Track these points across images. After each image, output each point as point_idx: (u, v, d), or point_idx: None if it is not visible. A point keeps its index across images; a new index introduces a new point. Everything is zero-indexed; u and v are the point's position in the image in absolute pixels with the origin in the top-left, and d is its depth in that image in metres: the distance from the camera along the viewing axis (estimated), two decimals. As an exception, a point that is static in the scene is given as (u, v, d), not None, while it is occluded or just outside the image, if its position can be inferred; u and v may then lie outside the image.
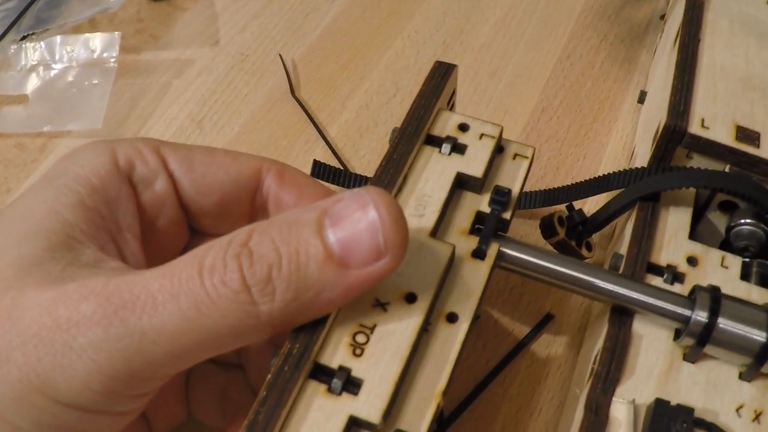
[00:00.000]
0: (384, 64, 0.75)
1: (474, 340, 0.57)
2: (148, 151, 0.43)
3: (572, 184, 0.55)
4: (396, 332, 0.38)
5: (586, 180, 0.55)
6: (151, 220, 0.44)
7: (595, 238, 0.57)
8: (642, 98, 0.65)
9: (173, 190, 0.44)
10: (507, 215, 0.45)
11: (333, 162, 0.65)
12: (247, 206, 0.46)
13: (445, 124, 0.48)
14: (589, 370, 0.47)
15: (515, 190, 0.46)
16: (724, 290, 0.45)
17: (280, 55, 0.75)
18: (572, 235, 0.55)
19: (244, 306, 0.35)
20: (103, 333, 0.34)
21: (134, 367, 0.35)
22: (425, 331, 0.40)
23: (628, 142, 0.70)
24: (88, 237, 0.39)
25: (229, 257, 0.35)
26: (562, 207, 0.56)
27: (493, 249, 0.44)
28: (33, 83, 0.71)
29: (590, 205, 0.63)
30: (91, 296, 0.35)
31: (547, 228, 0.54)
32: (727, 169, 0.53)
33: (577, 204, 0.56)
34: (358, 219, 0.35)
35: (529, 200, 0.57)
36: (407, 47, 0.76)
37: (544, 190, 0.57)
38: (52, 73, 0.71)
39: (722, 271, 0.49)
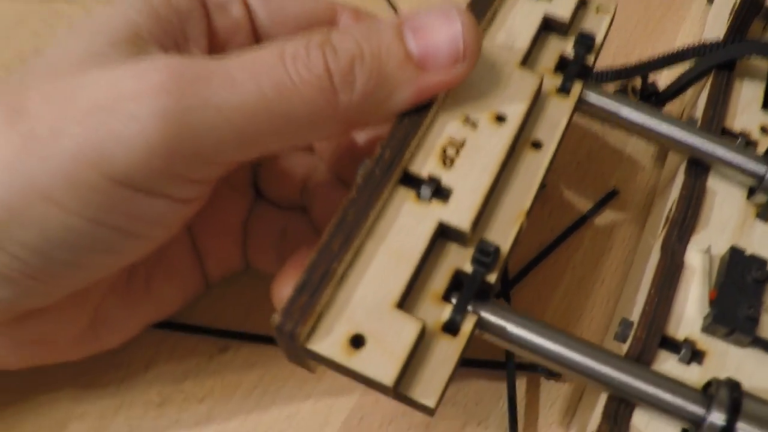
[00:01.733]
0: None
1: (540, 207, 0.57)
2: None
3: (646, 60, 0.56)
4: (486, 148, 0.39)
5: (661, 55, 0.55)
6: (222, 45, 0.44)
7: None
8: (712, -1, 0.66)
9: (248, 19, 0.44)
10: (590, 60, 0.46)
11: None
12: None
13: (530, -25, 0.48)
14: (663, 219, 0.47)
15: (599, 38, 0.47)
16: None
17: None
18: (646, 104, 0.55)
19: (325, 93, 0.36)
20: (174, 103, 0.34)
21: (201, 144, 0.35)
22: (512, 153, 0.41)
23: (696, 40, 0.70)
24: (154, 38, 0.39)
25: (312, 47, 0.36)
26: (637, 80, 0.57)
27: (576, 88, 0.44)
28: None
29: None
30: (164, 67, 0.35)
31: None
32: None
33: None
34: (440, 26, 0.37)
35: (603, 76, 0.58)
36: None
37: (622, 66, 0.57)
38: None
39: (794, 141, 0.50)
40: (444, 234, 0.38)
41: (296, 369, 0.46)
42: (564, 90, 0.44)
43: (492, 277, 0.37)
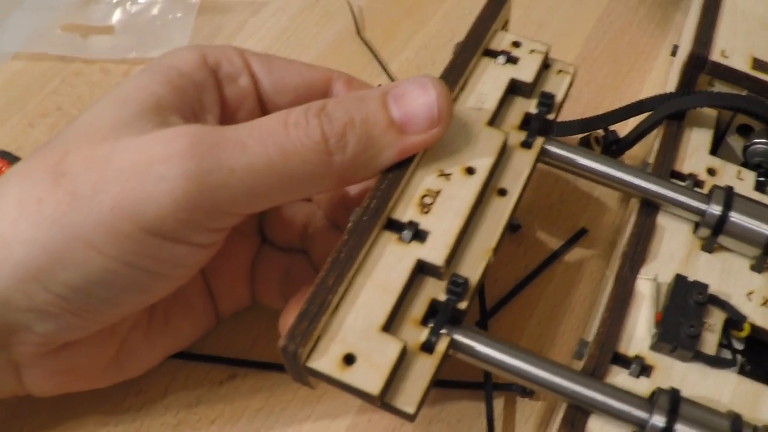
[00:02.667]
0: (441, 13, 0.81)
1: (516, 246, 0.63)
2: (234, 53, 0.50)
3: (608, 111, 0.62)
4: (458, 196, 0.45)
5: (620, 107, 0.61)
6: (232, 111, 0.50)
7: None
8: (674, 51, 0.71)
9: (254, 88, 0.50)
10: (551, 116, 0.52)
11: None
12: None
13: (501, 41, 0.55)
14: (619, 255, 0.53)
15: (559, 97, 0.53)
16: (739, 196, 0.52)
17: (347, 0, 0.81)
18: (607, 152, 0.61)
19: (322, 155, 0.42)
20: (195, 166, 0.40)
21: (218, 199, 0.41)
22: (480, 200, 0.47)
23: (660, 89, 0.74)
24: (175, 108, 0.45)
25: (310, 116, 0.42)
26: (600, 131, 0.63)
27: (538, 142, 0.50)
28: (118, 16, 0.77)
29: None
30: (186, 136, 0.41)
31: (585, 146, 0.62)
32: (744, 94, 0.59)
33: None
34: (418, 95, 0.44)
35: (570, 128, 0.63)
36: (462, 0, 0.83)
37: (584, 118, 0.63)
38: (137, 6, 0.77)
39: (738, 182, 0.56)
40: (422, 269, 0.44)
41: (297, 392, 0.52)
42: (527, 144, 0.50)
43: (463, 305, 0.43)
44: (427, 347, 0.42)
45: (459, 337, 0.43)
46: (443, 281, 0.44)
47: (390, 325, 0.42)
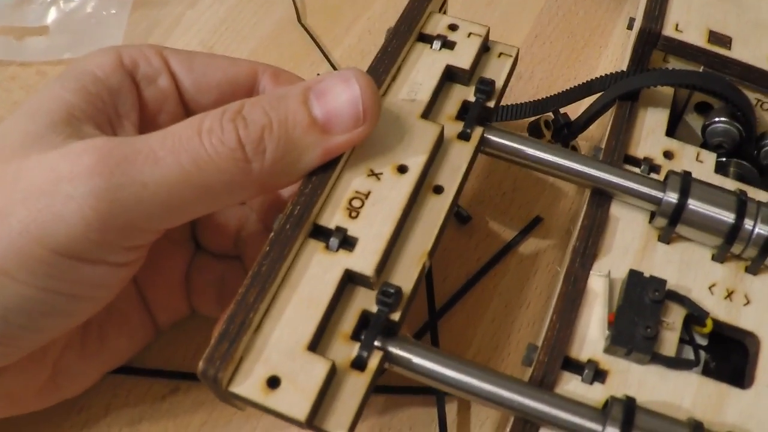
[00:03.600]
0: (385, -6, 0.78)
1: (467, 239, 0.60)
2: (152, 52, 0.47)
3: (558, 93, 0.58)
4: (388, 198, 0.42)
5: (570, 88, 0.58)
6: (153, 114, 0.47)
7: (582, 148, 0.61)
8: (631, 24, 0.68)
9: (175, 88, 0.48)
10: (491, 104, 0.49)
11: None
12: None
13: (437, 25, 0.52)
14: (570, 250, 0.50)
15: (499, 83, 0.50)
16: (699, 181, 0.49)
17: (287, -16, 0.78)
18: (558, 137, 0.58)
19: (239, 163, 0.39)
20: (104, 183, 0.37)
21: (132, 216, 0.38)
22: (414, 200, 0.44)
23: (618, 65, 0.73)
24: (88, 117, 0.42)
25: (225, 121, 0.40)
26: (550, 114, 0.60)
27: (477, 132, 0.47)
28: (53, 15, 0.74)
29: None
30: (94, 150, 0.38)
31: (534, 131, 0.58)
32: (700, 71, 0.56)
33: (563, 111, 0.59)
34: (341, 91, 0.41)
35: (520, 111, 0.60)
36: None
37: (533, 101, 0.60)
38: (72, 5, 0.74)
39: (697, 165, 0.53)
40: (352, 279, 0.41)
41: None
42: (464, 136, 0.47)
43: (396, 316, 0.40)
44: (359, 364, 0.39)
45: (394, 350, 0.40)
46: (376, 291, 0.41)
47: (317, 343, 0.39)
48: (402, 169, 0.43)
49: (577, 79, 0.71)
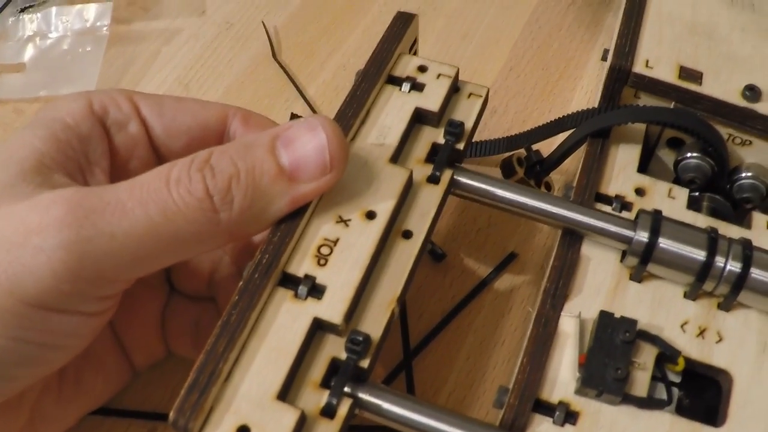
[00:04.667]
0: (361, 29, 0.78)
1: (441, 277, 0.60)
2: (122, 98, 0.47)
3: (530, 129, 0.59)
4: (357, 245, 0.42)
5: (542, 124, 0.58)
6: (124, 160, 0.47)
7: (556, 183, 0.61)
8: (605, 56, 0.68)
9: (145, 134, 0.48)
10: (460, 146, 0.49)
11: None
12: None
13: (406, 66, 0.52)
14: (541, 290, 0.50)
15: (468, 124, 0.50)
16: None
17: (263, 22, 0.78)
18: (531, 174, 0.58)
19: (207, 213, 0.39)
20: (74, 235, 0.37)
21: (102, 267, 0.38)
22: (383, 246, 0.44)
23: (592, 97, 0.73)
24: (58, 165, 0.42)
25: (193, 171, 0.39)
26: (522, 150, 0.60)
27: (446, 175, 0.47)
28: (30, 52, 0.75)
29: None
30: (62, 201, 0.38)
31: (507, 168, 0.58)
32: (672, 106, 0.56)
33: (537, 147, 0.60)
34: (308, 140, 0.41)
35: (493, 147, 0.61)
36: (383, 13, 0.80)
37: (506, 137, 0.60)
38: (48, 42, 0.75)
39: (669, 201, 0.53)
40: (321, 327, 0.41)
41: None
42: (434, 179, 0.47)
43: (365, 363, 0.40)
44: (328, 411, 0.39)
45: (364, 396, 0.40)
46: (344, 338, 0.41)
47: (287, 392, 0.39)
48: (370, 215, 0.43)
49: (552, 112, 0.71)
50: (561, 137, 0.58)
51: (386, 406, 0.41)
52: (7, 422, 0.44)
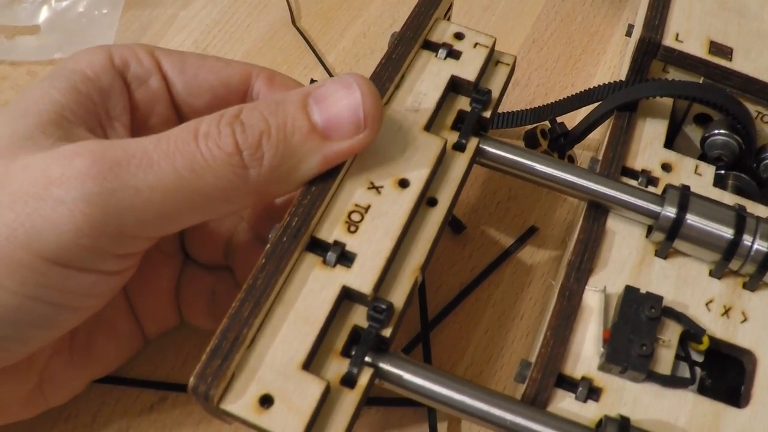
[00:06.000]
0: (382, -3, 0.77)
1: (461, 248, 0.60)
2: (143, 52, 0.46)
3: (556, 101, 0.58)
4: (389, 213, 0.41)
5: (568, 96, 0.57)
6: (144, 117, 0.46)
7: (579, 157, 0.60)
8: (630, 31, 0.67)
9: (166, 90, 0.46)
10: (487, 114, 0.48)
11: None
12: None
13: (443, 32, 0.51)
14: (565, 263, 0.49)
15: (495, 92, 0.49)
16: (697, 195, 0.47)
17: (282, -14, 0.77)
18: (555, 147, 0.57)
19: (236, 169, 0.38)
20: (97, 187, 0.36)
21: (124, 223, 0.37)
22: (414, 216, 0.43)
23: (615, 72, 0.72)
24: (78, 118, 0.41)
25: (222, 125, 0.38)
26: (547, 122, 0.59)
27: (472, 143, 0.46)
28: (44, 14, 0.73)
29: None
30: (86, 153, 0.37)
31: (531, 140, 0.57)
32: (701, 81, 0.55)
33: (560, 120, 0.59)
34: (341, 97, 0.40)
35: (519, 118, 0.60)
36: (405, -18, 0.79)
37: (532, 108, 0.59)
38: (63, 4, 0.73)
39: (696, 178, 0.52)
40: (348, 296, 0.40)
41: None
42: (459, 147, 0.46)
43: (387, 332, 0.39)
44: (348, 381, 0.38)
45: (385, 366, 0.39)
46: (365, 306, 0.40)
47: (313, 361, 0.38)
48: (403, 184, 0.42)
49: (575, 86, 0.70)
50: (584, 112, 0.57)
51: (407, 377, 0.40)
52: (15, 385, 0.44)
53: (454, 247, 0.59)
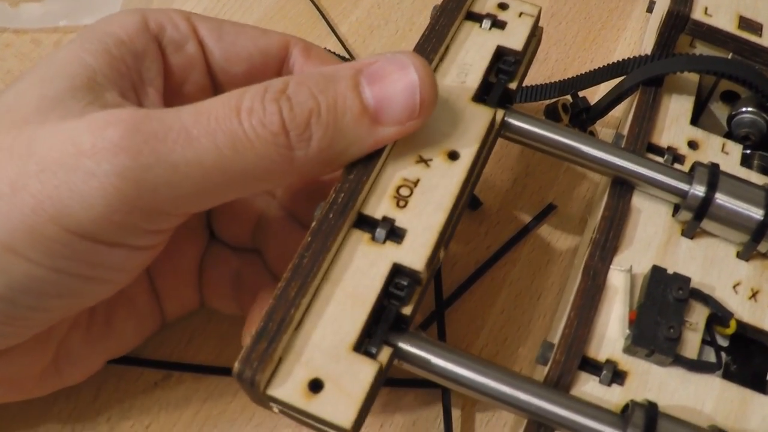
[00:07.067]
0: (398, -34, 0.75)
1: (477, 225, 0.58)
2: (179, 17, 0.44)
3: (579, 74, 0.56)
4: (439, 186, 0.40)
5: (592, 69, 0.56)
6: (178, 83, 0.44)
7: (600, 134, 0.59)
8: (651, 7, 0.66)
9: (202, 57, 0.45)
10: (513, 86, 0.46)
11: (344, 56, 0.67)
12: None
13: (485, 2, 0.49)
14: (588, 241, 0.47)
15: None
16: (724, 173, 0.46)
17: (294, -45, 0.75)
18: (576, 122, 0.56)
19: (281, 150, 0.36)
20: (130, 161, 0.34)
21: (159, 199, 0.35)
22: (466, 189, 0.41)
23: (636, 49, 0.70)
24: (110, 82, 0.39)
25: (268, 101, 0.36)
26: (568, 97, 0.57)
27: (498, 115, 0.44)
28: (50, -20, 0.72)
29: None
30: (119, 123, 0.35)
31: (552, 114, 0.56)
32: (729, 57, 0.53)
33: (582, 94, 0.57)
34: (397, 78, 0.37)
35: (543, 92, 0.58)
36: (420, -49, 0.77)
37: (555, 81, 0.57)
38: (70, -31, 0.72)
39: (722, 156, 0.50)
40: (400, 273, 0.38)
41: (237, 395, 0.48)
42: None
43: (407, 310, 0.37)
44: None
45: (404, 346, 0.38)
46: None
47: (362, 343, 0.36)
48: (453, 156, 0.40)
49: (594, 62, 0.68)
50: (603, 90, 0.55)
51: (427, 357, 0.38)
52: (32, 359, 0.42)
53: (470, 223, 0.58)
